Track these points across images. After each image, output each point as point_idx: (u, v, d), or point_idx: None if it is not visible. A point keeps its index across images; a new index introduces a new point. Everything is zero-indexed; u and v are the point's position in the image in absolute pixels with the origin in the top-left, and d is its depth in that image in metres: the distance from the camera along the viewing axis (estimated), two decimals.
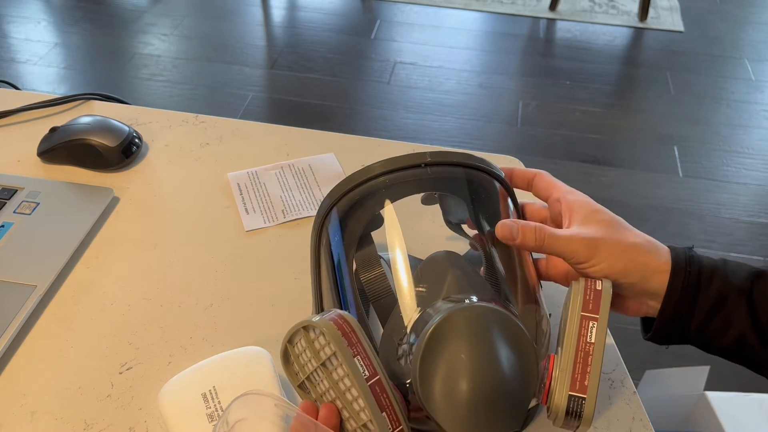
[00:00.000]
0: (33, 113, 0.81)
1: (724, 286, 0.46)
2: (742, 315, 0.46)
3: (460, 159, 0.49)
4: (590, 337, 0.41)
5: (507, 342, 0.40)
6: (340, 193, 0.50)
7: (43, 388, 0.53)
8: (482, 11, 2.70)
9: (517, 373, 0.40)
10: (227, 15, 2.60)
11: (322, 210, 0.51)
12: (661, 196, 1.86)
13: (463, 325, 0.40)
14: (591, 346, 0.40)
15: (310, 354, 0.41)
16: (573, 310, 0.42)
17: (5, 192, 0.68)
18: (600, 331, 0.41)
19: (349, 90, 2.22)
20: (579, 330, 0.41)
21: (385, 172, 0.48)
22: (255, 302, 0.61)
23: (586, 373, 0.40)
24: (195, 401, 0.47)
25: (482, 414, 0.39)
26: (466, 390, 0.39)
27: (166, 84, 2.19)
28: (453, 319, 0.40)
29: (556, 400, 0.40)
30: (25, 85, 2.14)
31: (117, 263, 0.63)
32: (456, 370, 0.39)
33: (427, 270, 0.48)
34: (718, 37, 2.62)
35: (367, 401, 0.38)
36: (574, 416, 0.40)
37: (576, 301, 0.42)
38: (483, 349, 0.39)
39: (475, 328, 0.40)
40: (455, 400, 0.39)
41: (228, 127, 0.81)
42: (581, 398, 0.39)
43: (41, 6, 2.61)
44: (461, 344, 0.39)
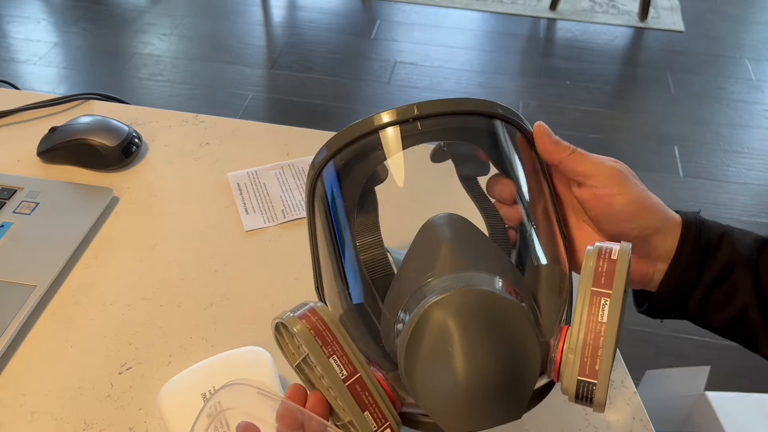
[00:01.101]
0: (33, 113, 0.81)
1: (731, 254, 0.44)
2: (747, 286, 0.43)
3: (477, 107, 0.43)
4: (601, 316, 0.35)
5: (501, 329, 0.36)
6: (337, 147, 0.44)
7: (43, 388, 0.53)
8: (482, 11, 2.70)
9: (514, 363, 0.36)
10: (227, 15, 2.60)
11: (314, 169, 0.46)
12: (661, 196, 1.83)
13: (451, 314, 0.35)
14: (602, 326, 0.35)
15: (292, 349, 0.40)
16: (583, 280, 0.36)
17: (5, 192, 0.68)
18: (613, 309, 0.35)
19: (349, 90, 2.22)
20: (589, 308, 0.35)
21: (388, 124, 0.43)
22: (255, 302, 0.61)
23: (596, 357, 0.35)
24: (195, 401, 0.47)
25: (475, 407, 0.35)
26: (455, 384, 0.35)
27: (165, 84, 2.19)
28: (440, 307, 0.35)
29: (565, 385, 0.36)
30: (24, 85, 2.14)
31: (117, 263, 0.63)
32: (443, 364, 0.35)
33: (422, 239, 0.42)
34: (718, 37, 2.62)
35: (346, 402, 0.36)
36: (584, 400, 0.36)
37: (586, 273, 0.36)
38: (472, 340, 0.35)
39: (465, 317, 0.35)
40: (445, 395, 0.35)
41: (228, 127, 0.81)
42: (592, 384, 0.35)
43: (41, 6, 2.61)
44: (449, 335, 0.35)
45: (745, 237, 0.45)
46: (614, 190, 0.43)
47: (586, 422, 0.52)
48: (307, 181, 0.46)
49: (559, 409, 0.53)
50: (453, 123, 0.44)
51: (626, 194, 0.43)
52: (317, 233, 0.47)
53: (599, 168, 0.43)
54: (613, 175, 0.43)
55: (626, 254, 0.37)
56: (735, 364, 1.44)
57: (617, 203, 0.43)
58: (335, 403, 0.38)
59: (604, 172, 0.43)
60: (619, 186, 0.43)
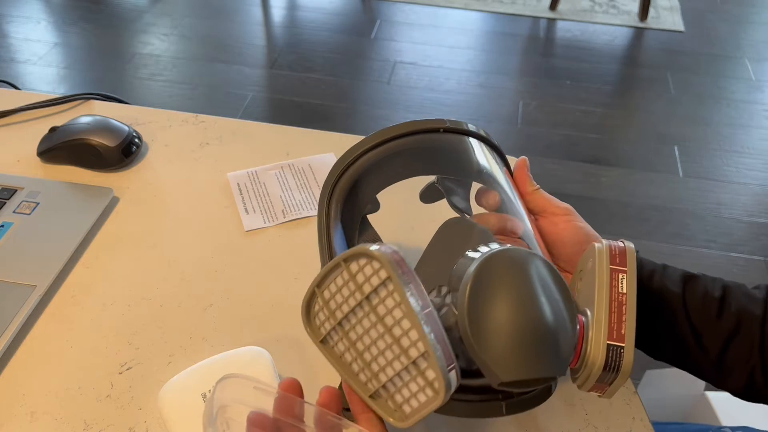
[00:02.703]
0: (33, 113, 0.81)
1: (663, 288, 0.50)
2: (680, 315, 0.49)
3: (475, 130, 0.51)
4: (621, 287, 0.40)
5: (550, 286, 0.38)
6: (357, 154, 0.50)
7: (43, 388, 0.53)
8: (482, 11, 2.70)
9: (562, 317, 0.38)
10: (227, 15, 2.60)
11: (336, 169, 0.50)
12: (662, 196, 1.86)
13: (509, 263, 0.38)
14: (623, 296, 0.40)
15: (352, 287, 0.38)
16: (600, 264, 0.42)
17: (5, 192, 0.68)
18: (630, 282, 0.41)
19: (349, 90, 2.22)
20: (610, 282, 0.41)
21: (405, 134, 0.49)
22: (255, 302, 0.61)
23: (622, 322, 0.39)
24: (195, 401, 0.47)
25: (531, 353, 0.36)
26: (517, 327, 0.36)
27: (165, 84, 2.19)
28: (498, 257, 0.38)
29: (593, 353, 0.39)
30: (24, 85, 2.14)
31: (117, 263, 0.63)
32: (506, 306, 0.36)
33: (447, 230, 0.47)
34: (718, 36, 2.62)
35: (422, 332, 0.34)
36: (611, 369, 0.39)
37: (602, 257, 0.42)
38: (531, 288, 0.37)
39: (521, 268, 0.38)
40: (505, 338, 0.36)
41: (228, 127, 0.81)
42: (620, 347, 0.38)
43: (41, 6, 2.61)
44: (509, 282, 0.37)
45: (674, 273, 0.51)
46: (571, 218, 0.51)
47: (586, 422, 0.52)
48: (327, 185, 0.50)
49: (559, 410, 0.53)
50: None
51: (576, 222, 0.51)
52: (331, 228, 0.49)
53: (557, 202, 0.52)
54: (568, 207, 0.52)
55: (631, 244, 0.43)
56: None
57: (573, 227, 0.51)
58: (397, 345, 0.36)
59: (561, 205, 0.52)
60: (574, 215, 0.52)
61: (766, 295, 0.51)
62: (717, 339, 0.49)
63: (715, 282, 0.51)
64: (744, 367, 0.49)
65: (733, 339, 0.49)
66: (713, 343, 0.49)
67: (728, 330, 0.49)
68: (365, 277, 0.37)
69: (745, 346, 0.49)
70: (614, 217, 1.77)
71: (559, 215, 0.51)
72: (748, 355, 0.49)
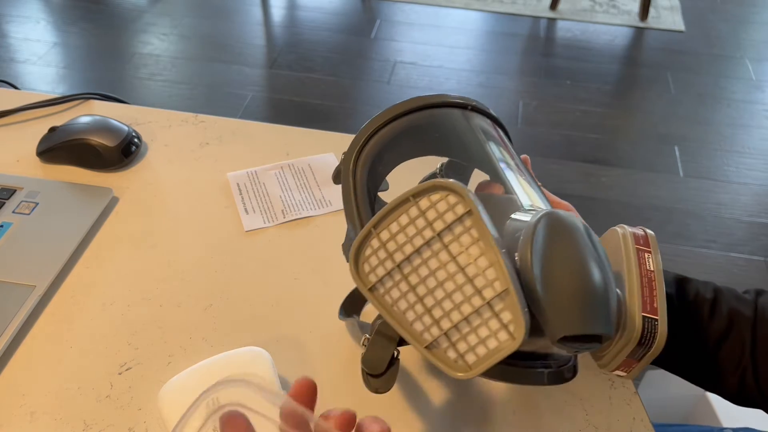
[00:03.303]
0: (32, 113, 0.80)
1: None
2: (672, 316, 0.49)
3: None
4: (649, 265, 0.43)
5: (600, 252, 0.38)
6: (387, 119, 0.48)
7: (43, 388, 0.53)
8: (482, 11, 2.70)
9: (611, 282, 0.38)
10: (227, 15, 2.60)
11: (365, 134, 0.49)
12: (662, 196, 1.86)
13: (569, 223, 0.38)
14: (652, 273, 0.42)
15: (421, 225, 0.36)
16: (627, 246, 0.43)
17: (4, 192, 0.68)
18: (656, 260, 0.43)
19: (349, 90, 2.22)
20: (638, 260, 0.43)
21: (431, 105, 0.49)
22: (255, 302, 0.61)
23: (654, 297, 0.41)
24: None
25: (590, 310, 0.35)
26: (581, 284, 0.35)
27: (165, 84, 2.19)
28: (558, 216, 0.38)
29: (630, 324, 0.40)
30: (24, 85, 2.14)
31: (116, 263, 0.63)
32: (570, 263, 0.36)
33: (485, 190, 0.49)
34: (718, 36, 2.62)
35: (503, 269, 0.33)
36: (646, 342, 0.40)
37: (627, 239, 0.44)
38: (590, 250, 0.37)
39: (579, 230, 0.38)
40: (570, 292, 0.35)
41: (228, 126, 0.81)
42: (654, 319, 0.40)
43: (40, 5, 2.61)
44: (572, 240, 0.37)
45: (666, 275, 0.52)
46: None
47: (587, 422, 0.52)
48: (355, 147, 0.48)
49: (560, 410, 0.53)
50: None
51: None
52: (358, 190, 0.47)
53: (558, 201, 0.53)
54: (568, 206, 0.53)
55: (652, 233, 0.45)
56: None
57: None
58: (470, 285, 0.35)
59: (562, 203, 0.53)
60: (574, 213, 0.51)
61: (755, 298, 0.51)
62: (709, 340, 0.50)
63: (706, 285, 0.52)
64: (736, 370, 0.50)
65: (725, 340, 0.50)
66: (705, 344, 0.50)
67: (720, 331, 0.50)
68: (437, 213, 0.35)
69: (737, 347, 0.49)
70: (614, 217, 1.77)
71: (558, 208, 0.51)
72: (740, 357, 0.49)
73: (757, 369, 0.49)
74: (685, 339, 0.50)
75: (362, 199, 0.46)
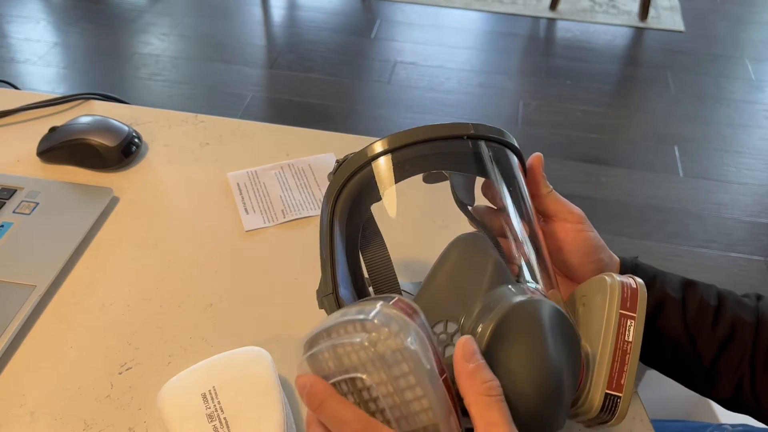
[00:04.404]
0: (32, 113, 0.80)
1: (662, 293, 0.50)
2: (677, 322, 0.49)
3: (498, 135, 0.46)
4: (628, 335, 0.40)
5: (564, 341, 0.38)
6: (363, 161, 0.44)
7: (43, 388, 0.53)
8: (482, 11, 2.70)
9: (571, 381, 0.38)
10: (227, 14, 2.60)
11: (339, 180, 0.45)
12: (662, 196, 1.86)
13: (529, 319, 0.37)
14: (629, 345, 0.40)
15: (362, 357, 0.35)
16: (610, 307, 0.41)
17: (5, 192, 0.68)
18: (637, 330, 0.40)
19: (349, 90, 2.22)
20: (617, 328, 0.40)
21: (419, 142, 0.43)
22: (255, 302, 0.61)
23: (623, 372, 0.39)
24: (194, 401, 0.47)
25: (540, 415, 0.36)
26: (532, 386, 0.35)
27: (165, 84, 2.19)
28: (517, 312, 0.37)
29: (590, 399, 0.39)
30: (24, 85, 2.14)
31: (117, 263, 0.63)
32: (522, 366, 0.36)
33: (457, 250, 0.43)
34: (718, 36, 2.61)
35: (436, 402, 0.33)
36: (604, 416, 0.39)
37: (614, 298, 0.41)
38: (546, 352, 0.36)
39: (540, 323, 0.37)
40: (519, 396, 0.35)
41: (228, 126, 0.81)
42: (617, 397, 0.39)
43: (41, 6, 2.61)
44: (526, 344, 0.36)
45: (673, 279, 0.51)
46: (583, 227, 0.49)
47: None
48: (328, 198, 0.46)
49: None
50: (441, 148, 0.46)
51: (590, 231, 0.49)
52: (334, 239, 0.46)
53: (571, 207, 0.49)
54: (581, 215, 0.50)
55: (643, 285, 0.42)
56: None
57: (584, 237, 0.48)
58: (405, 407, 0.35)
59: (575, 211, 0.49)
60: (585, 224, 0.49)
61: (756, 303, 0.51)
62: (711, 346, 0.50)
63: (710, 289, 0.52)
64: (733, 376, 0.50)
65: (726, 347, 0.50)
66: (707, 350, 0.50)
67: (722, 337, 0.49)
68: (381, 339, 0.35)
69: (737, 354, 0.49)
70: (614, 217, 1.77)
71: (570, 222, 0.49)
72: (739, 364, 0.49)
73: (754, 375, 0.49)
74: (688, 344, 0.50)
75: (338, 256, 0.45)
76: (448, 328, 0.40)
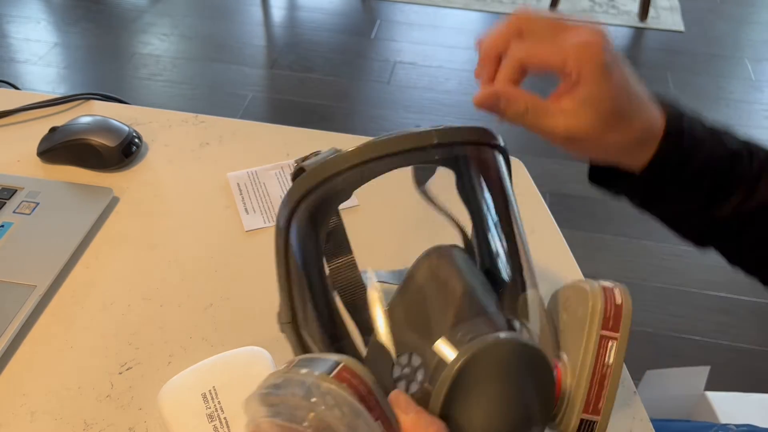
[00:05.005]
0: (33, 113, 0.80)
1: (691, 129, 0.45)
2: (700, 161, 0.45)
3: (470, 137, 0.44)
4: (608, 357, 0.37)
5: (534, 382, 0.36)
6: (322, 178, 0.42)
7: (43, 388, 0.53)
8: (482, 11, 2.70)
9: (540, 416, 0.36)
10: (227, 15, 2.60)
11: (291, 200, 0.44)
12: None
13: (492, 366, 0.35)
14: (609, 368, 0.37)
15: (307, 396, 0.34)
16: (591, 327, 0.38)
17: (5, 192, 0.68)
18: (619, 351, 0.37)
19: (349, 90, 2.22)
20: (597, 351, 0.37)
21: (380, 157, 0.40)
22: (255, 302, 0.61)
23: (601, 396, 0.37)
24: (195, 401, 0.47)
25: None
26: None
27: (165, 84, 2.19)
28: (480, 358, 0.35)
29: (566, 422, 0.37)
30: (24, 85, 2.14)
31: (117, 263, 0.63)
32: (485, 416, 0.35)
33: (427, 269, 0.41)
34: (718, 36, 2.61)
35: None
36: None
37: (594, 318, 0.38)
38: (514, 394, 0.35)
39: (505, 369, 0.35)
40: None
41: (228, 127, 0.81)
42: (593, 421, 0.37)
43: (41, 6, 2.61)
44: (491, 387, 0.35)
45: (702, 122, 0.47)
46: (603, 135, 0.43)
47: None
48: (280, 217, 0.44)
49: None
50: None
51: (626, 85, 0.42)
52: (290, 263, 0.45)
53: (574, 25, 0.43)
54: (591, 29, 0.42)
55: (629, 299, 0.39)
56: (735, 364, 1.44)
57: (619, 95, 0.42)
58: None
59: (581, 27, 0.42)
60: (595, 34, 0.42)
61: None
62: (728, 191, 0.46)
63: (733, 138, 0.48)
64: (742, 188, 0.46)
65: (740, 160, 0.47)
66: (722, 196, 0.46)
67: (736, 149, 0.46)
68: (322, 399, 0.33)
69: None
70: (614, 217, 1.77)
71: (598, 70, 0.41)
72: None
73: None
74: (702, 186, 0.46)
75: (295, 275, 0.44)
76: (413, 360, 0.39)
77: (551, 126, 0.44)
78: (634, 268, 1.65)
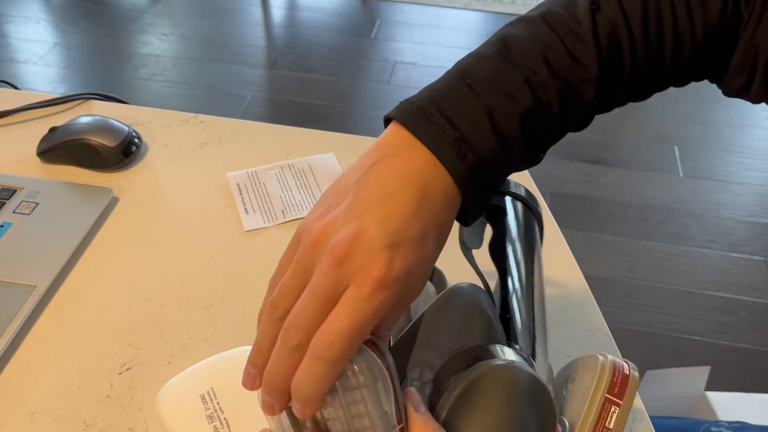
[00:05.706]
0: (32, 113, 0.81)
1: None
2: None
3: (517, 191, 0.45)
4: (609, 422, 0.38)
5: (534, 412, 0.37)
6: None
7: (43, 388, 0.53)
8: (482, 11, 2.70)
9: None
10: (227, 15, 2.60)
11: None
12: (661, 196, 1.86)
13: (500, 386, 0.36)
14: (608, 431, 0.38)
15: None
16: (597, 388, 0.39)
17: (5, 192, 0.68)
18: (620, 418, 0.38)
19: (349, 90, 2.22)
20: (599, 412, 0.38)
21: None
22: (255, 302, 0.60)
23: None
24: (194, 403, 0.47)
25: None
26: None
27: (165, 84, 2.19)
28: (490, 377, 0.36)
29: None
30: (24, 85, 2.14)
31: (117, 263, 0.63)
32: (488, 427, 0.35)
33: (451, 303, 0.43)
34: None
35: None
36: None
37: (602, 380, 0.39)
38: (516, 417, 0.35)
39: (511, 393, 0.36)
40: None
41: (228, 127, 0.81)
42: None
43: (41, 6, 2.61)
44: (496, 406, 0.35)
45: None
46: None
47: None
48: None
49: None
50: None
51: None
52: None
53: None
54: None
55: (636, 374, 0.40)
56: (735, 364, 1.44)
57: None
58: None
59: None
60: None
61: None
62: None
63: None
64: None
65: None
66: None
67: None
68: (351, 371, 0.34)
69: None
70: (614, 217, 1.77)
71: None
72: None
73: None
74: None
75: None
76: (424, 375, 0.40)
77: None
78: (634, 268, 1.65)
